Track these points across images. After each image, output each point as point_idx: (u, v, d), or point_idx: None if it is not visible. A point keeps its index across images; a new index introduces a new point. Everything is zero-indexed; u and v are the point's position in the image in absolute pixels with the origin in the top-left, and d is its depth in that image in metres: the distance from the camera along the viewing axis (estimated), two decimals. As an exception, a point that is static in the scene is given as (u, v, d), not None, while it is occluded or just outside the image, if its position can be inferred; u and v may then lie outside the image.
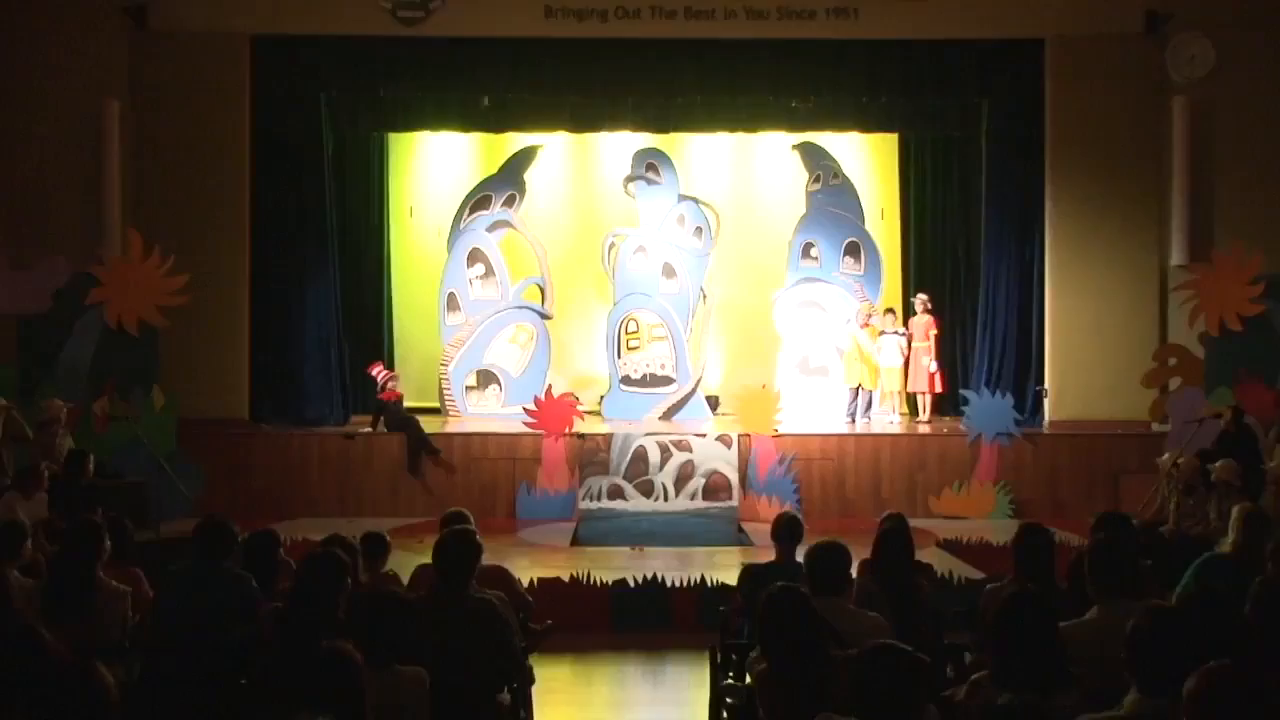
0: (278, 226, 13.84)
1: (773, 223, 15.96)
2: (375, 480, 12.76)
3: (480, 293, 15.19)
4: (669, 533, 11.77)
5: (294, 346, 13.88)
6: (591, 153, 16.28)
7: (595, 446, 12.79)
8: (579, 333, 15.99)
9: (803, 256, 15.31)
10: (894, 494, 12.50)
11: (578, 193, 16.34)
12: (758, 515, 12.20)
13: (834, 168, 15.43)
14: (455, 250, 15.19)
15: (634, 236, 15.22)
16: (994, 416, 12.80)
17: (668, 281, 15.18)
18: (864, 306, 14.60)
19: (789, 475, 12.62)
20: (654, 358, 14.97)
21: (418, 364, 15.71)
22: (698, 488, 12.59)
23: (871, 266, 15.24)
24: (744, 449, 12.77)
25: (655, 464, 12.70)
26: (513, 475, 12.69)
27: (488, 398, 15.06)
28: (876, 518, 6.66)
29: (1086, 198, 13.84)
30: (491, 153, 15.85)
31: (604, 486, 12.58)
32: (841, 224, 15.29)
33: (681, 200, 15.27)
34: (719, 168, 16.28)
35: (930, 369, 14.13)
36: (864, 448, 12.98)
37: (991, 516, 12.37)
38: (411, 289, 15.99)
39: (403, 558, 7.33)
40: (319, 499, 12.51)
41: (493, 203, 15.28)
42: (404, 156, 16.05)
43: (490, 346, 15.10)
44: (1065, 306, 13.93)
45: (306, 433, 13.18)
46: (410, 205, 15.96)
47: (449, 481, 12.59)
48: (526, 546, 11.21)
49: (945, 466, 12.77)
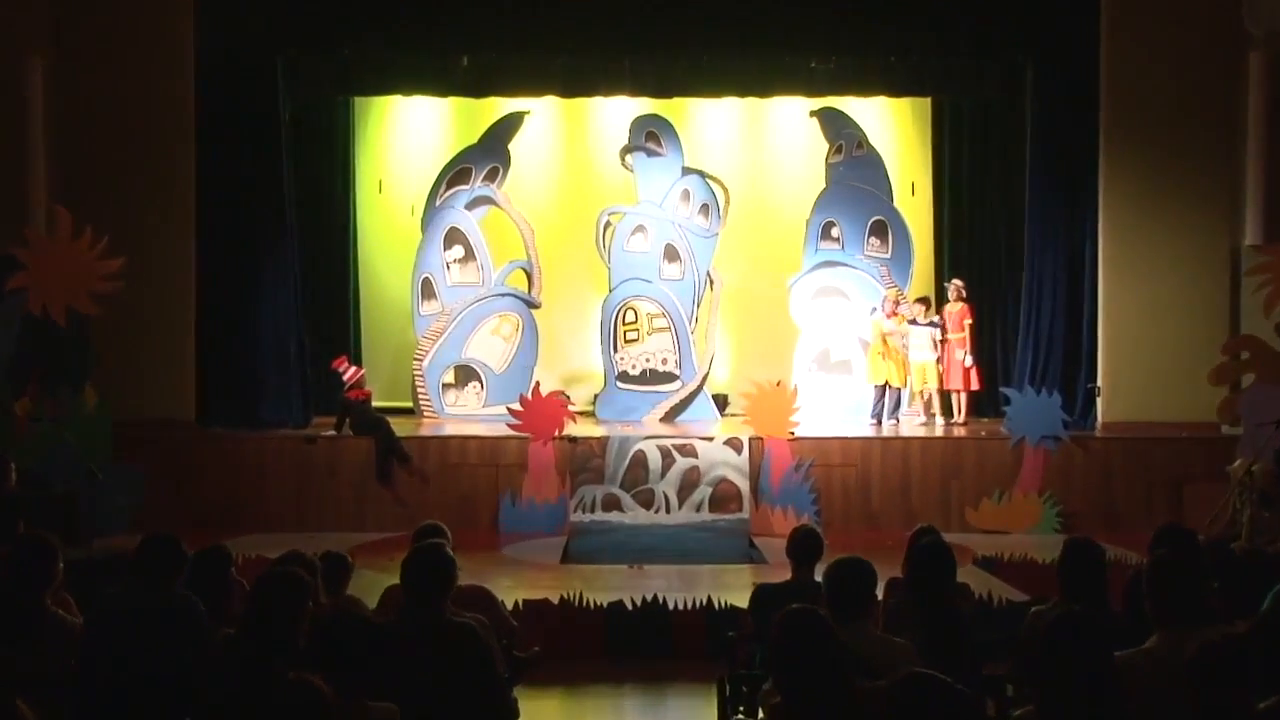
0: (228, 204, 13.79)
1: (789, 199, 15.96)
2: (339, 490, 12.74)
3: (459, 278, 15.19)
4: (671, 548, 11.75)
5: (247, 339, 13.86)
6: (585, 120, 16.25)
7: (588, 451, 12.78)
8: (570, 323, 15.98)
9: (822, 237, 15.31)
10: (925, 505, 12.46)
11: (569, 165, 16.32)
12: (771, 528, 12.20)
13: (858, 136, 15.42)
14: (430, 230, 15.18)
15: (632, 215, 15.22)
16: (1039, 417, 12.76)
17: (670, 265, 15.19)
18: (891, 293, 14.60)
19: (806, 484, 12.61)
20: (654, 351, 14.97)
21: (388, 359, 15.73)
22: (703, 498, 12.59)
23: (900, 248, 15.24)
24: (756, 454, 12.76)
25: (656, 471, 12.69)
26: (495, 484, 12.67)
27: (467, 396, 15.05)
28: (905, 531, 6.63)
29: (1147, 170, 13.84)
30: (471, 120, 15.82)
31: (598, 496, 12.57)
32: (866, 200, 15.29)
33: (686, 174, 15.27)
34: (728, 137, 16.27)
35: (966, 364, 14.12)
36: (892, 453, 12.96)
37: (1036, 530, 12.35)
38: (381, 274, 15.99)
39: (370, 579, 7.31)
40: (276, 512, 12.47)
41: (473, 176, 15.27)
42: (372, 125, 16.04)
43: (470, 339, 15.11)
44: (1121, 293, 13.93)
45: (262, 436, 13.16)
46: (379, 180, 15.97)
47: (423, 491, 12.55)
48: (511, 564, 11.19)
49: (983, 474, 12.74)
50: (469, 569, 5.84)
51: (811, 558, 6.24)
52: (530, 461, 12.66)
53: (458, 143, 15.75)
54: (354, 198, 15.83)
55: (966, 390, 14.25)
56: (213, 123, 13.67)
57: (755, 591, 6.43)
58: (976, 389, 14.30)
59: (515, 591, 9.01)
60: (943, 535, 6.22)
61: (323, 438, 13.02)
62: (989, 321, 15.25)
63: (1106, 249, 13.99)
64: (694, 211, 15.25)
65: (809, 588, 5.88)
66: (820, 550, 6.27)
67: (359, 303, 15.92)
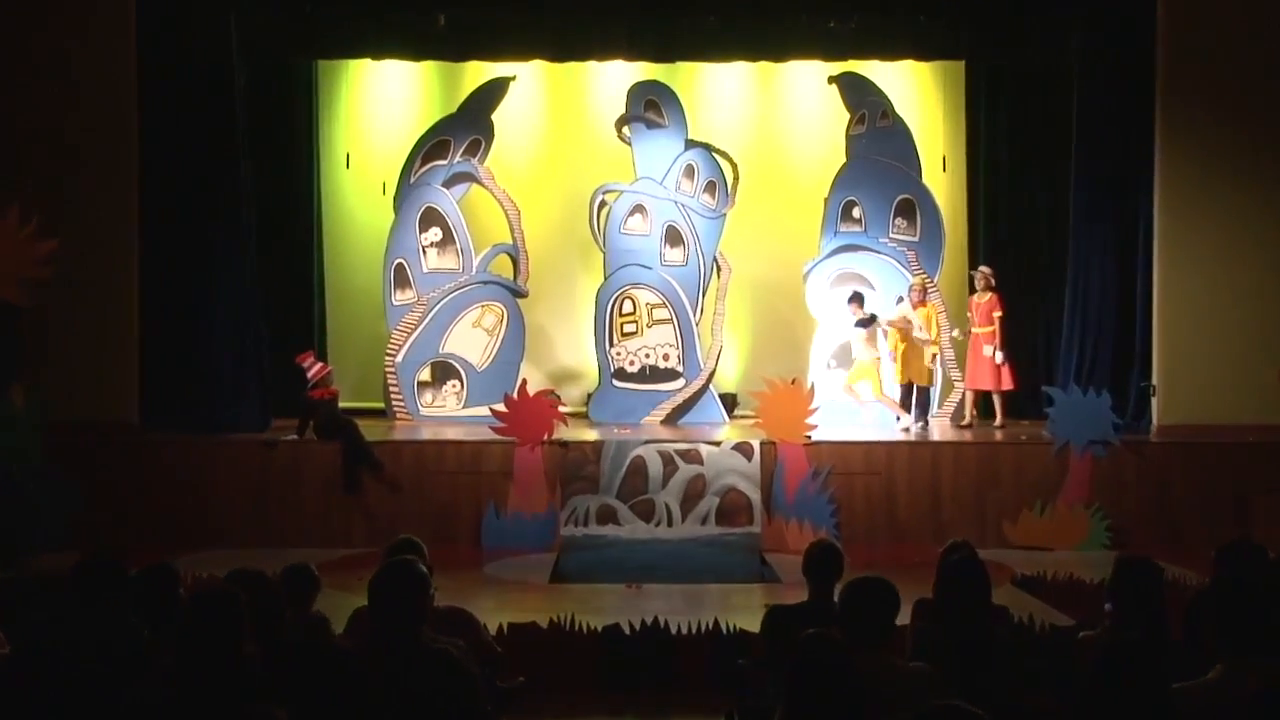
0: (176, 182, 13.72)
1: (805, 176, 15.97)
2: (302, 502, 12.70)
3: (436, 263, 15.18)
4: (673, 566, 11.72)
5: (198, 332, 13.79)
6: (577, 87, 16.27)
7: (581, 457, 12.76)
8: (560, 315, 16.00)
9: (842, 218, 15.31)
10: (958, 518, 12.44)
11: (559, 138, 16.33)
12: (785, 543, 12.20)
13: (883, 105, 15.42)
14: (404, 210, 15.17)
15: (630, 193, 15.23)
16: (1086, 420, 12.74)
17: (672, 250, 15.20)
18: (918, 280, 14.58)
19: (825, 494, 12.58)
20: (655, 346, 14.98)
21: (357, 354, 15.75)
22: (710, 509, 12.57)
23: (929, 231, 15.24)
24: (768, 461, 12.74)
25: (656, 479, 12.68)
26: (477, 494, 12.64)
27: (445, 396, 15.06)
28: (935, 547, 6.61)
29: (1209, 145, 13.83)
30: (450, 87, 15.84)
31: (592, 508, 12.56)
32: (891, 177, 15.29)
33: (690, 147, 15.27)
34: (737, 106, 16.28)
35: (996, 360, 14.10)
36: (920, 459, 12.93)
37: (1083, 547, 12.31)
38: (349, 260, 16.01)
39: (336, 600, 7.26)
40: (230, 526, 12.42)
41: (451, 150, 15.26)
42: (338, 92, 16.06)
43: (449, 332, 15.10)
44: (1179, 281, 13.94)
45: (214, 441, 13.09)
46: (347, 154, 15.99)
47: (395, 502, 12.53)
48: (494, 584, 11.18)
49: (1023, 483, 12.71)
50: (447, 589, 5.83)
51: (830, 576, 6.21)
52: (516, 469, 12.63)
53: (434, 112, 15.74)
54: (318, 174, 15.82)
55: (997, 389, 14.22)
56: (157, 89, 13.60)
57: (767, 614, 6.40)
58: (1009, 388, 14.26)
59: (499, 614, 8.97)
60: (977, 552, 6.21)
61: (283, 442, 12.99)
62: (1030, 313, 15.26)
63: (1163, 232, 13.97)
64: (699, 189, 15.25)
65: (827, 610, 5.81)
66: (840, 568, 6.26)
67: (324, 291, 15.94)
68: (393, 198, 15.27)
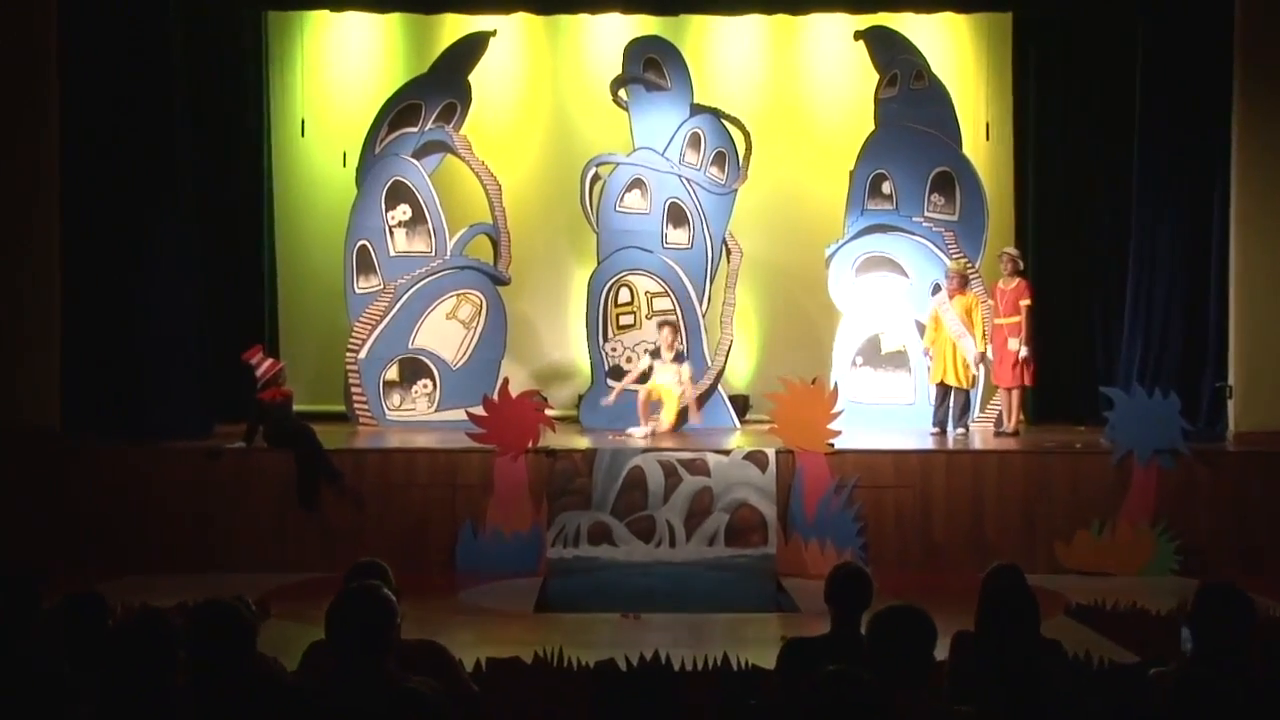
0: (103, 152, 13.69)
1: (827, 146, 15.98)
2: (250, 518, 12.64)
3: (405, 246, 15.21)
4: (677, 592, 11.72)
5: (130, 326, 13.76)
6: (566, 44, 16.29)
7: (571, 468, 12.73)
8: (547, 305, 16.02)
9: (870, 194, 15.32)
10: (1003, 538, 12.43)
11: (546, 103, 16.35)
12: (804, 567, 12.19)
13: (917, 65, 15.42)
14: (369, 185, 15.17)
15: (627, 166, 15.23)
16: (1151, 425, 12.69)
17: (675, 230, 15.20)
18: (956, 265, 14.56)
19: (850, 510, 12.55)
20: (656, 341, 14.91)
21: (313, 349, 15.78)
22: (718, 527, 12.54)
23: (970, 208, 15.23)
24: (785, 472, 12.71)
25: (657, 493, 12.64)
26: (451, 510, 12.60)
27: (415, 398, 15.07)
28: (977, 572, 6.58)
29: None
30: (421, 43, 15.86)
31: (583, 526, 12.52)
32: (927, 147, 15.29)
33: (696, 113, 15.28)
34: (750, 66, 16.28)
35: (1021, 354, 14.10)
36: (959, 470, 12.89)
37: (1147, 572, 12.28)
38: (305, 241, 16.02)
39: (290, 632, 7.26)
40: (167, 546, 12.38)
41: (422, 116, 15.28)
42: (292, 48, 16.01)
43: (419, 324, 15.12)
44: (1259, 267, 13.92)
45: (149, 449, 13.05)
46: (302, 120, 15.92)
47: (358, 519, 12.50)
48: (471, 613, 11.15)
49: (1079, 498, 12.66)
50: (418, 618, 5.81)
51: (856, 605, 6.19)
52: (496, 481, 12.60)
53: (403, 73, 15.76)
54: (269, 143, 15.82)
55: (1018, 386, 14.25)
56: (79, 43, 13.55)
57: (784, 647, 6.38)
58: (1027, 384, 14.30)
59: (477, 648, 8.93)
60: (1025, 577, 6.21)
61: (228, 451, 12.95)
62: (1085, 303, 15.28)
63: (1240, 212, 13.98)
64: (706, 161, 15.25)
65: (853, 643, 5.79)
66: (867, 595, 6.24)
67: (275, 278, 15.94)
68: (355, 170, 15.26)
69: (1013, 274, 14.26)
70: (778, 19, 15.79)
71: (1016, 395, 14.35)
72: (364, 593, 5.06)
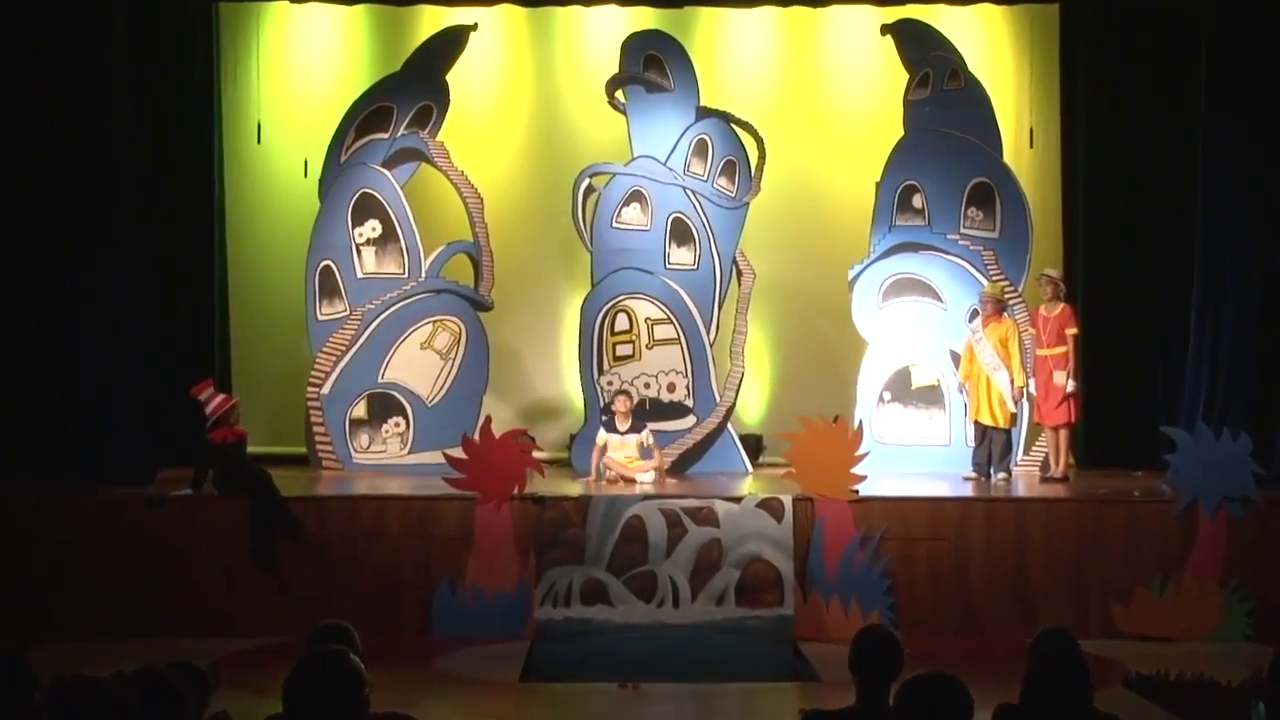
0: (31, 157, 13.75)
1: (850, 152, 16.04)
2: (199, 575, 12.62)
3: (374, 266, 15.20)
4: (682, 659, 11.69)
5: (61, 357, 13.79)
6: (556, 40, 16.35)
7: (562, 518, 12.68)
8: (536, 333, 16.04)
9: (899, 208, 15.34)
10: (1052, 598, 12.43)
11: (533, 105, 16.40)
12: (826, 630, 12.17)
13: (952, 62, 15.47)
14: (333, 198, 15.18)
15: (625, 176, 15.25)
16: (1220, 470, 12.66)
17: (680, 249, 15.22)
18: (991, 289, 14.51)
19: (877, 566, 12.53)
20: (657, 373, 14.99)
21: (270, 383, 15.77)
22: (728, 585, 12.51)
23: (1012, 224, 15.24)
24: (804, 522, 12.68)
25: (659, 546, 12.60)
26: (427, 565, 12.59)
27: (386, 439, 15.04)
28: (1024, 637, 6.57)
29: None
30: (392, 38, 15.91)
31: (575, 583, 12.48)
32: (963, 154, 15.32)
33: (702, 117, 15.31)
34: (763, 65, 16.34)
35: (1068, 389, 14.06)
36: (1000, 520, 12.87)
37: (1217, 637, 12.27)
38: (261, 261, 16.04)
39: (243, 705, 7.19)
40: (104, 607, 12.36)
41: (394, 120, 15.30)
42: (247, 43, 16.01)
43: (390, 355, 15.09)
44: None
45: (83, 497, 13.03)
46: (258, 123, 15.95)
47: (321, 576, 12.48)
48: (449, 682, 11.16)
49: (1137, 553, 12.65)
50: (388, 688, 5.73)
51: (884, 673, 6.16)
52: (478, 532, 12.58)
53: (372, 71, 15.82)
54: (220, 149, 15.81)
55: (1066, 425, 14.23)
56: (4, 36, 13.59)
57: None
58: (1073, 420, 14.29)
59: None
60: (1078, 642, 6.27)
61: (173, 498, 12.92)
62: (1143, 331, 15.31)
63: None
64: (714, 171, 15.28)
65: (880, 716, 5.82)
66: (898, 663, 6.22)
67: (228, 303, 15.93)
68: (318, 181, 15.27)
69: (1055, 298, 14.21)
70: (794, 11, 15.85)
71: (1065, 436, 14.31)
72: (327, 660, 5.01)
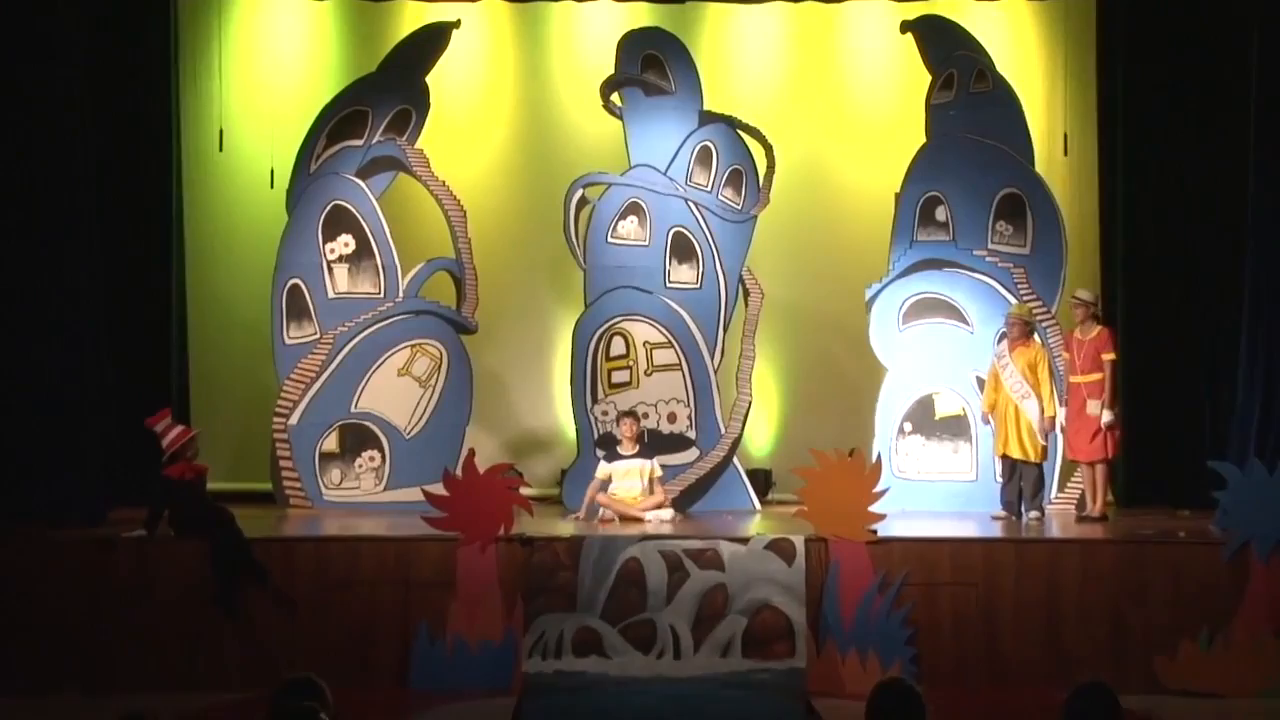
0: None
1: (867, 161, 16.12)
2: (154, 624, 12.51)
3: (347, 285, 15.21)
4: (683, 714, 11.63)
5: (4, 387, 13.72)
6: (546, 37, 16.42)
7: (552, 560, 12.61)
8: (523, 358, 16.10)
9: (921, 221, 15.36)
10: (1088, 649, 12.34)
11: (521, 110, 16.47)
12: (841, 683, 12.07)
13: (979, 62, 15.48)
14: (302, 210, 15.19)
15: (621, 187, 15.26)
16: (1273, 510, 12.57)
17: (682, 266, 15.22)
18: (1017, 310, 14.46)
19: (897, 614, 12.44)
20: (656, 401, 14.96)
21: (232, 414, 15.81)
22: (734, 634, 12.40)
23: (1045, 239, 15.25)
24: (817, 566, 12.61)
25: (658, 592, 12.51)
26: (404, 613, 12.48)
27: (360, 474, 15.05)
28: (1057, 692, 6.60)
29: None
30: (367, 35, 15.99)
31: (567, 632, 12.38)
32: (991, 163, 15.33)
33: (706, 123, 15.32)
34: (772, 65, 16.40)
35: (1104, 421, 14.00)
36: (1032, 563, 12.77)
37: (1271, 694, 12.14)
38: (222, 280, 16.06)
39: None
40: (50, 659, 12.24)
41: (369, 126, 15.32)
42: (208, 40, 16.08)
43: (365, 383, 15.10)
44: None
45: (27, 539, 12.94)
46: (220, 129, 15.98)
47: (288, 625, 12.36)
48: (427, 743, 11.12)
49: (1183, 600, 12.55)
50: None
51: (906, 731, 6.11)
52: (460, 577, 12.49)
53: (345, 72, 15.87)
54: (178, 157, 15.84)
55: (1104, 460, 14.16)
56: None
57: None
58: (1110, 456, 14.23)
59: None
60: (1117, 698, 6.22)
61: (127, 540, 12.82)
62: (1189, 357, 15.30)
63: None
64: (719, 182, 15.29)
65: None
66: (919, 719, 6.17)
67: (187, 325, 15.93)
68: (285, 192, 15.28)
69: (1087, 319, 14.15)
70: (806, 7, 15.96)
71: (1103, 472, 14.27)
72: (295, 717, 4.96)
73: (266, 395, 15.20)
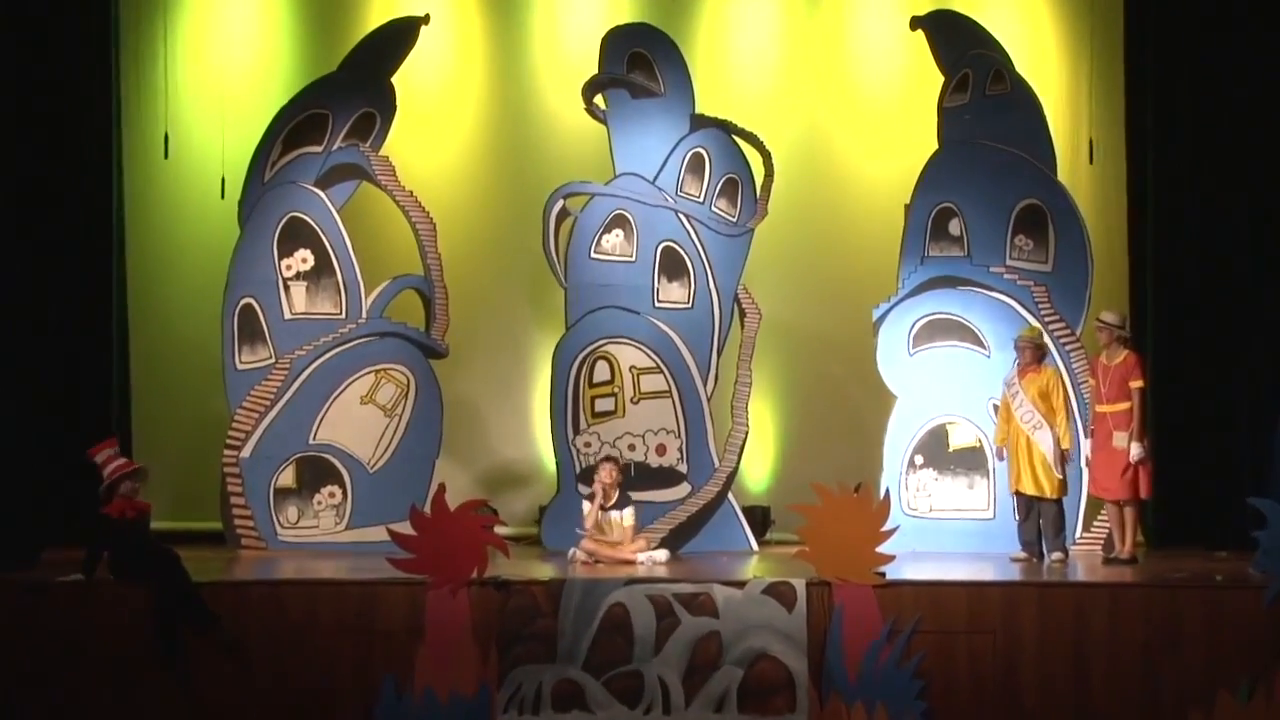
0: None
1: (873, 170, 16.18)
2: (91, 676, 12.48)
3: (305, 305, 15.19)
4: (675, 777, 11.65)
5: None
6: (522, 34, 16.48)
7: (530, 606, 12.57)
8: (498, 384, 16.11)
9: (933, 236, 15.38)
10: (1117, 702, 12.29)
11: (495, 113, 16.52)
12: (848, 744, 12.12)
13: (996, 61, 15.51)
14: (256, 223, 15.14)
15: (605, 198, 15.27)
16: (1318, 551, 12.67)
17: (671, 284, 15.23)
18: (1029, 332, 14.38)
19: (907, 664, 12.39)
20: (644, 432, 14.97)
21: (178, 447, 15.79)
22: (729, 687, 12.35)
23: (1068, 255, 15.27)
24: (819, 612, 12.57)
25: (646, 640, 12.46)
26: (368, 663, 12.43)
27: (319, 512, 15.00)
28: None
29: None
30: (327, 31, 16.07)
31: (546, 684, 12.32)
32: (1009, 172, 15.35)
33: (698, 128, 15.36)
34: (770, 64, 16.47)
35: (1133, 455, 13.96)
36: (1055, 609, 12.74)
37: (1316, 752, 12.21)
38: (167, 299, 16.09)
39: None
40: (-22, 714, 12.28)
41: (330, 131, 15.31)
42: (153, 39, 16.10)
43: (325, 412, 15.07)
44: None
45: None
46: (165, 133, 15.96)
47: (240, 678, 12.33)
48: (393, 807, 11.03)
49: (1219, 649, 12.50)
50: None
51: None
52: (429, 624, 12.44)
53: (302, 72, 15.92)
54: (120, 164, 15.83)
55: (1133, 499, 14.11)
56: None
57: None
58: (1144, 496, 14.15)
59: None
60: None
61: (60, 585, 12.77)
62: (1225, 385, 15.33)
63: None
64: (712, 192, 15.30)
65: None
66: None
67: (128, 348, 15.92)
68: (237, 203, 15.25)
69: (1115, 345, 14.12)
70: (808, 1, 15.82)
71: (1132, 510, 14.22)
72: None
73: (217, 425, 15.14)
